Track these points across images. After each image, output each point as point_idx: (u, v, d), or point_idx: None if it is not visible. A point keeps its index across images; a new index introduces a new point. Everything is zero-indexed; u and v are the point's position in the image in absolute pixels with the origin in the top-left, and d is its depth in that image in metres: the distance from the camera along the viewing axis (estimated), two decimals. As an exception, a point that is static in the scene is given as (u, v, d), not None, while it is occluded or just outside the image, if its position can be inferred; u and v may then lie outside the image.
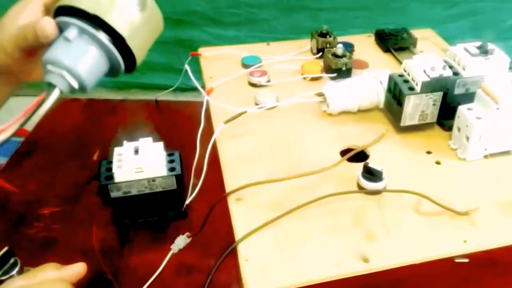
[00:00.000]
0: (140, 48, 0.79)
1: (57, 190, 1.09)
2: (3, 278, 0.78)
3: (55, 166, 1.20)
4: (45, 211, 1.07)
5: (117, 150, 0.96)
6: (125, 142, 0.97)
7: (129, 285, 0.92)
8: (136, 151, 0.95)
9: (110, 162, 0.94)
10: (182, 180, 0.97)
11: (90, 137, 1.23)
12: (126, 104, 1.22)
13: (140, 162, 0.93)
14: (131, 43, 0.76)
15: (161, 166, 0.94)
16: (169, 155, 0.98)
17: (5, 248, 0.79)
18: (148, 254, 0.97)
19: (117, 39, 0.75)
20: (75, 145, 1.26)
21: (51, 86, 0.73)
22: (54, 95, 0.73)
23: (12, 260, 0.80)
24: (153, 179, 0.94)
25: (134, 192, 0.95)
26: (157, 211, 1.01)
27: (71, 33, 0.73)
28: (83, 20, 0.74)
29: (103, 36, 0.74)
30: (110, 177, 0.93)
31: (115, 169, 0.92)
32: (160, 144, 0.97)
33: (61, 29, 0.75)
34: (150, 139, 0.99)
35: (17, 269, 0.79)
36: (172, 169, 0.96)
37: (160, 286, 0.91)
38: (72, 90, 0.75)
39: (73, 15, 0.74)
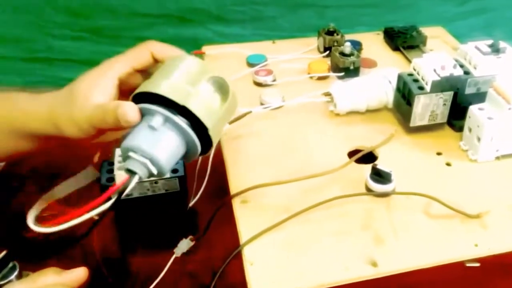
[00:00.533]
0: (218, 135, 0.79)
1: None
2: (2, 282, 0.78)
3: (55, 168, 1.20)
4: (44, 214, 1.07)
5: (118, 151, 0.96)
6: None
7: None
8: None
9: (112, 164, 0.95)
10: (185, 182, 0.97)
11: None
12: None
13: None
14: (212, 132, 0.76)
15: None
16: None
17: (3, 252, 0.80)
18: (151, 258, 0.97)
19: (199, 128, 0.76)
20: (75, 148, 1.26)
21: (129, 172, 0.73)
22: (134, 181, 0.73)
23: (10, 265, 0.80)
24: (156, 181, 0.95)
25: (136, 194, 0.95)
26: (160, 213, 1.02)
27: (157, 121, 0.74)
28: (167, 108, 0.74)
29: (187, 127, 0.75)
30: (112, 179, 0.94)
31: (116, 171, 0.93)
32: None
33: (141, 112, 0.76)
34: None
35: (16, 273, 0.80)
36: (175, 171, 0.96)
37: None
38: (150, 176, 0.75)
39: (156, 102, 0.74)
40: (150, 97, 0.75)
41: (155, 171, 0.74)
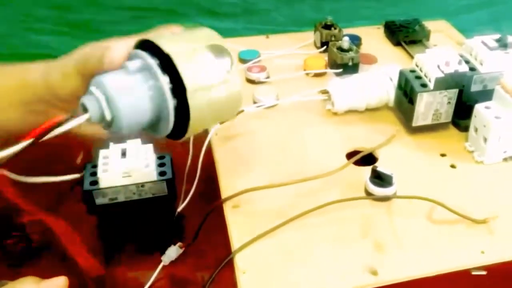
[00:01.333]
0: (199, 119, 0.74)
1: (37, 197, 1.09)
2: None
3: (35, 171, 1.20)
4: (24, 220, 1.07)
5: (102, 153, 0.96)
6: (111, 144, 0.97)
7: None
8: (124, 154, 0.94)
9: (95, 166, 0.94)
10: (173, 185, 0.97)
11: (73, 138, 1.22)
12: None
13: (127, 166, 0.93)
14: (192, 102, 0.72)
15: (151, 170, 0.94)
16: (159, 158, 0.98)
17: None
18: (137, 266, 0.97)
19: (179, 94, 0.72)
20: (57, 147, 1.26)
21: (83, 108, 0.70)
22: (81, 118, 0.70)
23: None
24: (142, 184, 0.94)
25: (121, 198, 0.95)
26: (146, 219, 1.01)
27: (133, 64, 0.72)
28: (153, 57, 0.71)
29: (165, 81, 0.71)
30: (95, 182, 0.93)
31: (100, 174, 0.92)
32: (150, 146, 0.97)
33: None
34: (138, 140, 0.98)
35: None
36: (162, 173, 0.96)
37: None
38: (102, 120, 0.71)
39: (149, 50, 0.72)
40: (149, 48, 0.73)
41: (108, 115, 0.70)
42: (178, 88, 0.71)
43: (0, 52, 2.01)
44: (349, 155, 1.00)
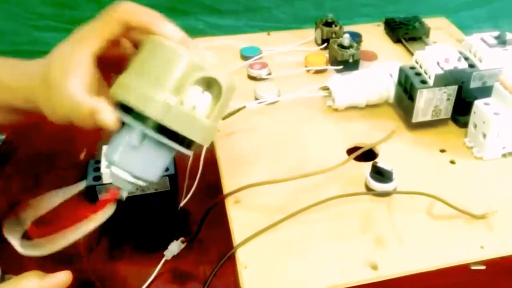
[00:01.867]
0: (209, 136, 0.78)
1: (41, 192, 1.09)
2: None
3: (39, 166, 1.20)
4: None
5: (105, 149, 0.96)
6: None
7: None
8: None
9: (98, 162, 0.94)
10: (176, 181, 0.97)
11: (76, 134, 1.22)
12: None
13: None
14: (200, 139, 0.77)
15: None
16: None
17: None
18: (140, 261, 0.97)
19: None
20: (61, 144, 1.26)
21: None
22: (124, 195, 0.79)
23: None
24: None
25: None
26: (149, 214, 1.01)
27: (136, 139, 0.73)
28: (145, 123, 0.72)
29: (168, 141, 0.73)
30: (98, 177, 0.93)
31: (103, 169, 0.92)
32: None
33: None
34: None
35: None
36: (165, 169, 0.96)
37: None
38: (138, 187, 0.79)
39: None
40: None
41: (141, 183, 0.76)
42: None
43: (4, 49, 2.01)
44: (350, 151, 1.00)
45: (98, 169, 0.93)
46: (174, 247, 0.92)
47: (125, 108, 0.73)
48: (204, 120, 0.75)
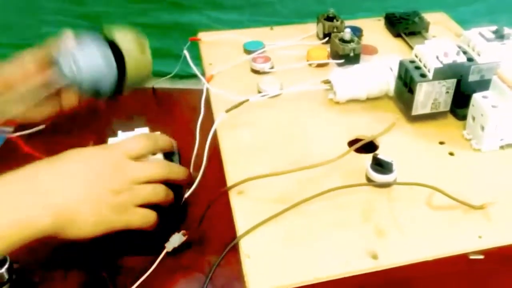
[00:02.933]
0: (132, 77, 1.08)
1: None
2: None
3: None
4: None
5: (110, 141, 0.96)
6: (119, 133, 0.97)
7: (124, 284, 0.92)
8: None
9: None
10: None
11: (83, 126, 1.22)
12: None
13: None
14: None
15: (158, 157, 0.94)
16: (167, 154, 0.98)
17: None
18: (141, 253, 0.97)
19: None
20: (68, 136, 1.26)
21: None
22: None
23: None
24: None
25: None
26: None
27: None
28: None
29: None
30: None
31: None
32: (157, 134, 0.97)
33: None
34: (146, 129, 0.98)
35: (6, 266, 0.79)
36: (169, 161, 0.96)
37: (158, 285, 0.91)
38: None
39: None
40: None
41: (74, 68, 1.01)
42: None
43: (13, 43, 2.01)
44: (351, 143, 1.00)
45: None
46: (175, 240, 0.92)
47: None
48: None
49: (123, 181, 0.84)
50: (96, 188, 0.82)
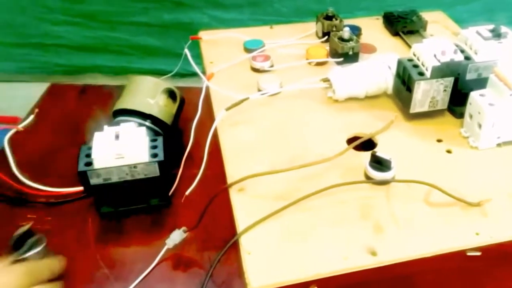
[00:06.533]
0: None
1: (51, 180, 1.09)
2: (28, 254, 0.78)
3: (49, 154, 1.20)
4: (38, 202, 1.07)
5: (97, 135, 0.96)
6: (105, 127, 0.97)
7: (126, 280, 0.92)
8: (117, 137, 0.95)
9: (90, 148, 0.94)
10: (165, 167, 0.97)
11: (85, 124, 1.22)
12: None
13: (120, 148, 0.93)
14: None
15: (143, 152, 0.95)
16: (152, 140, 0.99)
17: (27, 226, 0.79)
18: (146, 248, 0.97)
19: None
20: (70, 133, 1.26)
21: None
22: None
23: (35, 237, 0.79)
24: (135, 166, 0.94)
25: (115, 179, 0.95)
26: (140, 199, 1.02)
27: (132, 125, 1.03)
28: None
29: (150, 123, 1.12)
30: (90, 163, 0.94)
31: (94, 155, 0.92)
32: (143, 129, 0.98)
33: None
34: (132, 124, 0.99)
35: (44, 244, 0.79)
36: (154, 155, 0.96)
37: (159, 281, 0.92)
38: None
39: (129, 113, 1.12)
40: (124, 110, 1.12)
41: None
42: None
43: (15, 42, 2.02)
44: (349, 141, 1.00)
45: (89, 155, 0.94)
46: (176, 236, 0.92)
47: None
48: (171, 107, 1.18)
49: None
50: None
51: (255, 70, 1.22)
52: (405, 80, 1.02)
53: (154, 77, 1.20)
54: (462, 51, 1.01)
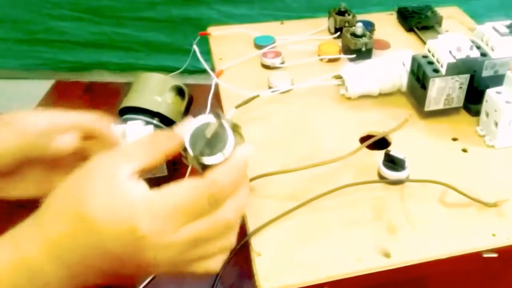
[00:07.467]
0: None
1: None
2: None
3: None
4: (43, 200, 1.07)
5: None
6: (112, 125, 0.97)
7: (133, 282, 0.92)
8: (124, 135, 0.95)
9: None
10: (173, 167, 0.97)
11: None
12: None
13: None
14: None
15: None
16: None
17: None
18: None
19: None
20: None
21: None
22: None
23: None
24: None
25: None
26: None
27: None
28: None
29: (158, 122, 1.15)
30: None
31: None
32: (150, 128, 0.98)
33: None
34: (139, 122, 0.99)
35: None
36: None
37: (168, 283, 0.92)
38: None
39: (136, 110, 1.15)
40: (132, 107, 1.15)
41: None
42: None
43: (19, 38, 2.02)
44: (362, 139, 1.00)
45: None
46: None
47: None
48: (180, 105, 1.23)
49: None
50: None
51: (266, 66, 1.22)
52: (419, 77, 1.02)
53: (161, 74, 1.20)
54: (478, 47, 1.01)
